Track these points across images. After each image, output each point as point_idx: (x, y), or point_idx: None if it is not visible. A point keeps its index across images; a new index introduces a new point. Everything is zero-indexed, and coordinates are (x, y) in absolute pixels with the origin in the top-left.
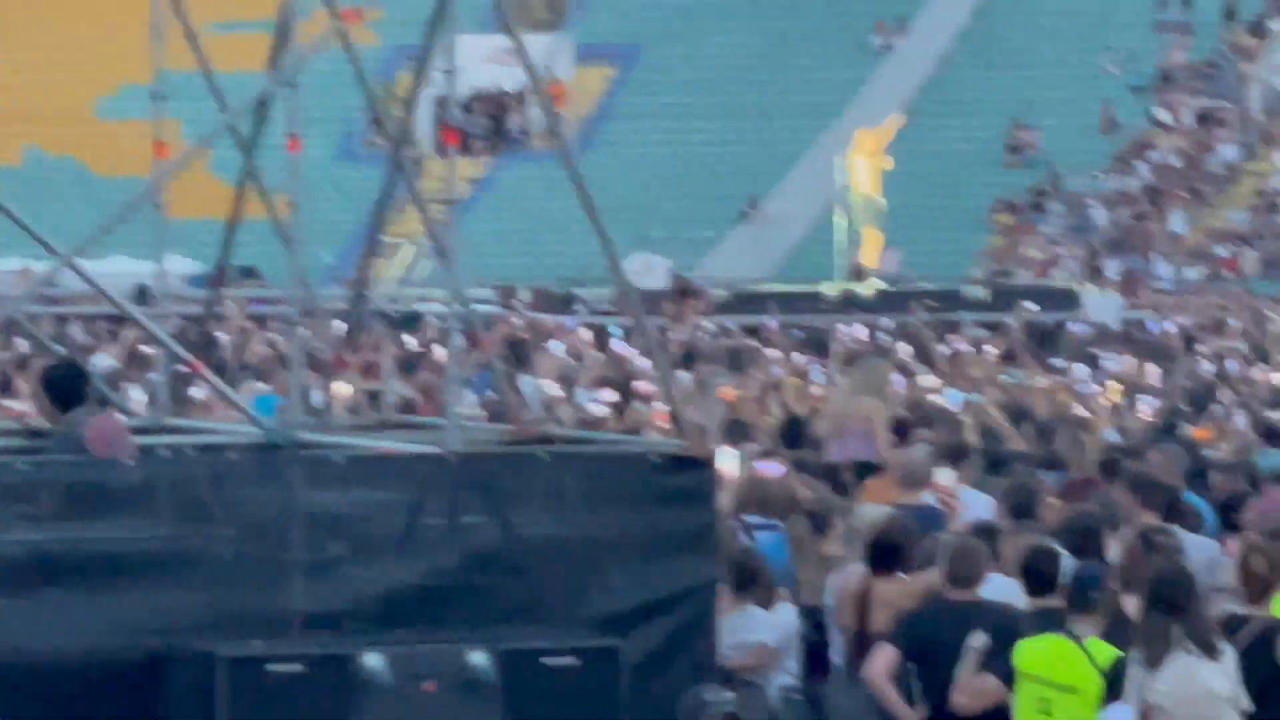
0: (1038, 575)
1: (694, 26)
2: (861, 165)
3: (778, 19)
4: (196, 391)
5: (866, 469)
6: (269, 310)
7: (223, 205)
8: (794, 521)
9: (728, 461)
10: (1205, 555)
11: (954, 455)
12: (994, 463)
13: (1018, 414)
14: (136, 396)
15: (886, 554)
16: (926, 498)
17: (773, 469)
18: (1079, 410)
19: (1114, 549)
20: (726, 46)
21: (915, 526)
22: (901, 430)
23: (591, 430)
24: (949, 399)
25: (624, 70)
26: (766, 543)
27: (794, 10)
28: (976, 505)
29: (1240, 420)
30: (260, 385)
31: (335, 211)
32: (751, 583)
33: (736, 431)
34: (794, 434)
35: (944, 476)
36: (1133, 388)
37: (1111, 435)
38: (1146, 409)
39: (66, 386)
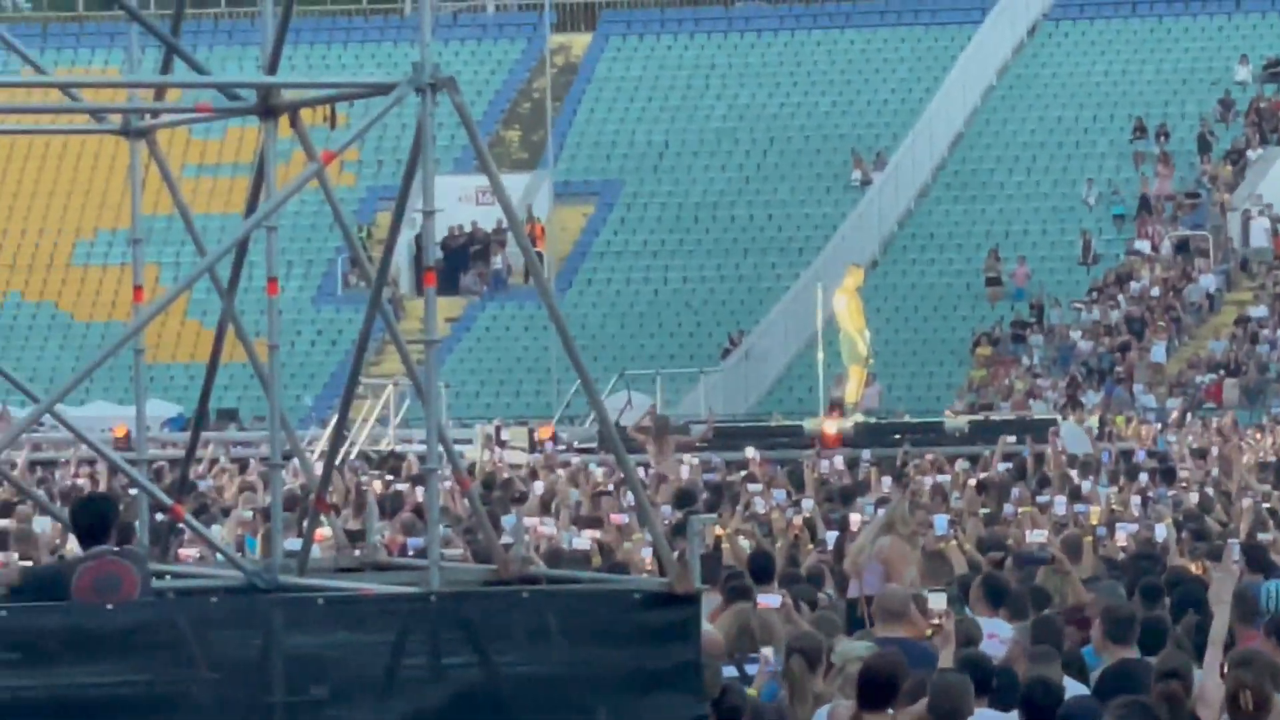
0: (1034, 708)
1: (672, 164)
2: (844, 301)
3: (756, 155)
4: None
5: None
6: (249, 453)
7: (201, 349)
8: (793, 659)
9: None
10: None
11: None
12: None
13: (994, 545)
14: None
15: (876, 689)
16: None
17: (773, 601)
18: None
19: None
20: (705, 183)
21: (903, 660)
22: None
23: (576, 568)
24: (938, 526)
25: (603, 208)
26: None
27: (772, 147)
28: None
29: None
30: (241, 528)
31: (315, 353)
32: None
33: (718, 567)
34: (761, 567)
35: (936, 602)
36: (1111, 517)
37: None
38: (1124, 537)
39: (89, 521)
